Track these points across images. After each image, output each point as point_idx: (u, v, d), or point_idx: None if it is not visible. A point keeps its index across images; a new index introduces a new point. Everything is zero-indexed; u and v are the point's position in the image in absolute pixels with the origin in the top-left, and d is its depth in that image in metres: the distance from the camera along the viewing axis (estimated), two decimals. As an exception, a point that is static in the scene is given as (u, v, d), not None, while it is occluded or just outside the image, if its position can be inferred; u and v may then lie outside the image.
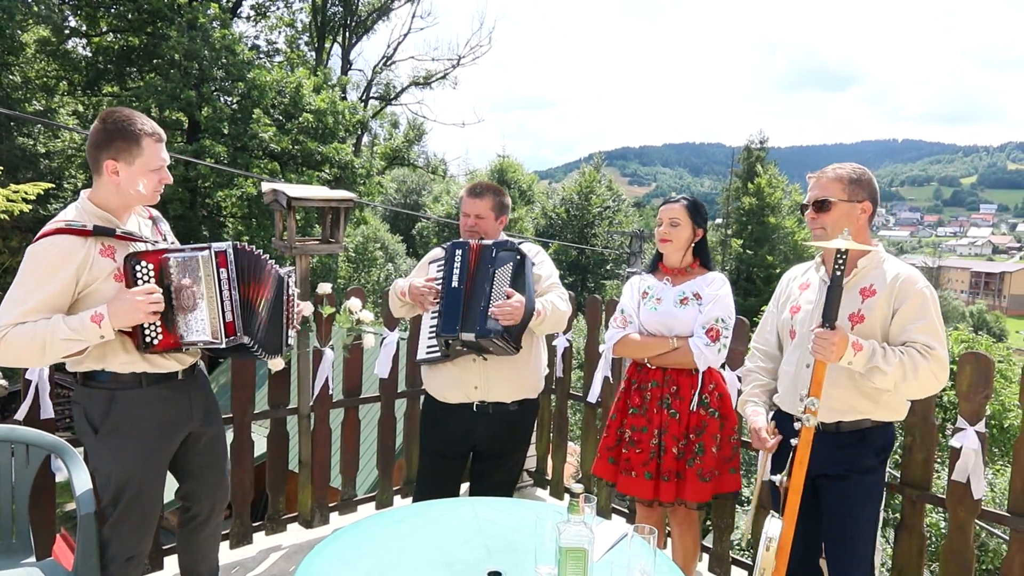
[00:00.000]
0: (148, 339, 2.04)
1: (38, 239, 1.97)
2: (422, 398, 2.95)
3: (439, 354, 2.61)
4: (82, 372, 2.10)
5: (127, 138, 2.02)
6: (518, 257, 2.56)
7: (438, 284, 2.62)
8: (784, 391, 2.32)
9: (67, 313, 1.98)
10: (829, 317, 2.00)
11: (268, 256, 2.28)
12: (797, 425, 2.06)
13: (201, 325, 2.06)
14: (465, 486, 3.07)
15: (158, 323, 2.03)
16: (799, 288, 2.36)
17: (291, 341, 2.43)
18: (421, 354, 2.69)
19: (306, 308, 2.74)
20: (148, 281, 2.00)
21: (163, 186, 2.15)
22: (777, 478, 2.16)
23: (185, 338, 2.06)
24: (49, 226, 1.99)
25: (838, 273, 1.98)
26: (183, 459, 2.34)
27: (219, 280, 2.05)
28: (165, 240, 2.26)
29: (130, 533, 2.17)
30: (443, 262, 2.65)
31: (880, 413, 2.18)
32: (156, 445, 2.18)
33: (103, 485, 2.16)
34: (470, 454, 2.82)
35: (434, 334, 2.60)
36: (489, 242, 2.61)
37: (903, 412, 2.24)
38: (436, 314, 2.59)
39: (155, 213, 2.30)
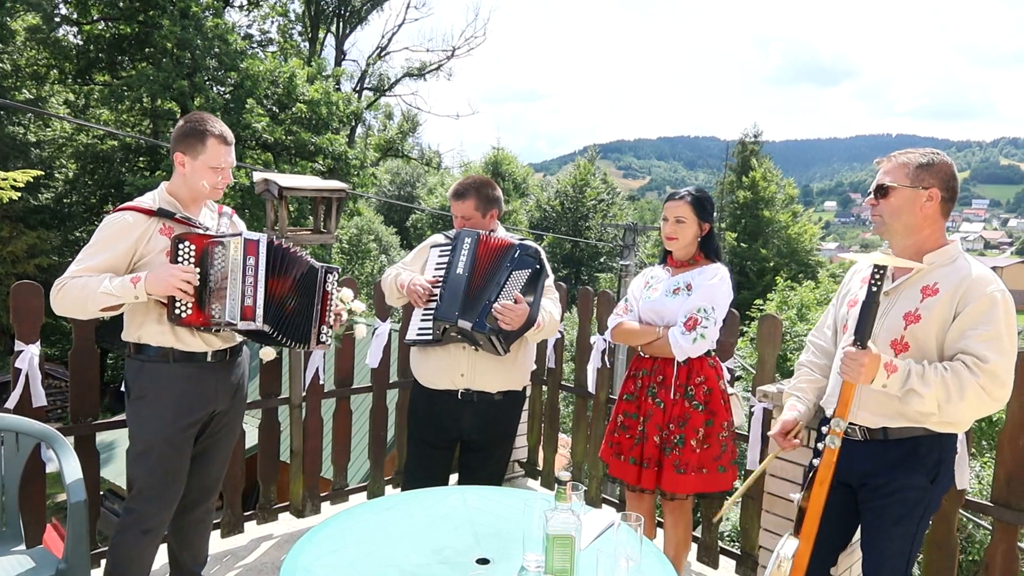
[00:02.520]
0: (178, 311, 2.21)
1: (114, 211, 2.26)
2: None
3: (430, 337, 2.61)
4: (131, 344, 2.32)
5: (195, 135, 2.28)
6: (537, 267, 2.59)
7: (440, 271, 2.64)
8: (831, 391, 2.14)
9: None
10: (861, 336, 1.84)
11: (306, 252, 2.45)
12: (819, 445, 1.93)
13: (224, 306, 2.21)
14: (454, 478, 3.09)
15: (190, 299, 2.20)
16: (861, 281, 2.13)
17: (325, 338, 2.48)
18: (412, 334, 2.69)
19: (356, 305, 2.81)
20: (188, 259, 2.21)
21: (225, 185, 2.37)
22: (796, 497, 2.03)
23: (213, 318, 2.22)
24: (126, 203, 2.29)
25: (874, 289, 1.83)
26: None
27: (244, 266, 2.22)
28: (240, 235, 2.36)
29: (147, 500, 2.31)
30: (448, 247, 2.67)
31: (936, 424, 1.94)
32: (175, 418, 2.30)
33: (133, 446, 2.34)
34: (458, 444, 2.84)
35: (429, 317, 2.61)
36: (516, 241, 2.61)
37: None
38: (434, 298, 2.60)
39: (228, 209, 2.54)
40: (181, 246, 2.20)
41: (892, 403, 1.94)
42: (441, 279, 2.62)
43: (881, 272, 1.83)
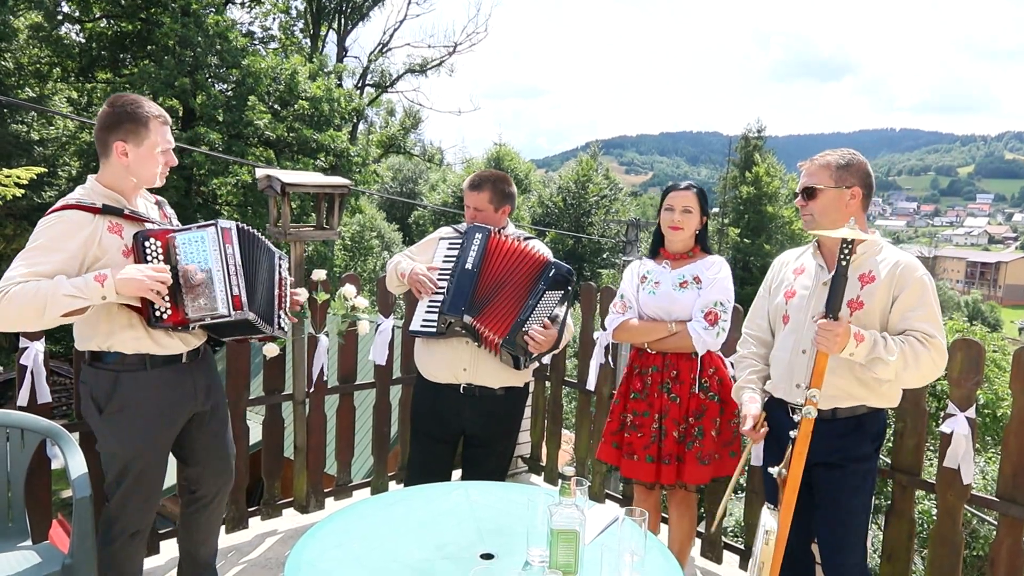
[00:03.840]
0: (158, 314, 2.10)
1: (48, 213, 2.04)
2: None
3: (434, 330, 2.60)
4: (90, 352, 2.17)
5: (135, 120, 2.10)
6: (568, 288, 2.60)
7: (449, 264, 2.63)
8: (778, 378, 2.30)
9: None
10: (833, 308, 1.98)
11: (263, 235, 2.37)
12: (797, 417, 2.03)
13: (209, 299, 2.12)
14: (457, 473, 3.09)
15: (167, 299, 2.09)
16: (793, 273, 2.33)
17: (284, 324, 2.44)
18: (415, 325, 2.66)
19: (302, 294, 2.75)
20: (157, 258, 2.08)
21: (168, 169, 2.23)
22: (775, 470, 2.13)
23: (191, 315, 2.12)
24: (59, 203, 2.07)
25: (843, 264, 1.94)
26: (188, 442, 2.39)
27: (225, 255, 2.13)
28: (170, 222, 2.30)
29: (134, 510, 2.25)
30: (458, 242, 2.66)
31: (875, 399, 2.17)
32: (160, 427, 2.23)
33: (108, 464, 2.24)
34: (460, 439, 2.83)
35: (434, 309, 2.59)
36: (552, 259, 2.62)
37: (897, 398, 2.23)
38: (441, 291, 2.59)
39: (160, 198, 2.37)
40: (148, 244, 2.07)
41: (840, 384, 2.13)
42: (448, 272, 2.61)
43: (849, 246, 1.94)
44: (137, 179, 2.16)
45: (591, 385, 3.60)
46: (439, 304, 2.59)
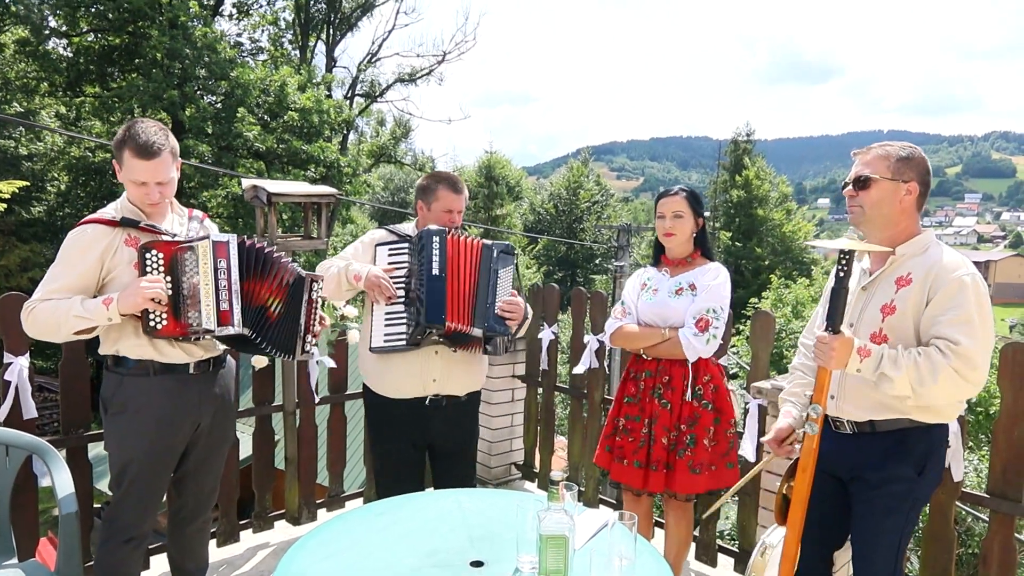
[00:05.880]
0: (152, 323, 2.14)
1: (74, 228, 2.18)
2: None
3: (405, 342, 2.50)
4: (109, 357, 2.24)
5: (118, 146, 2.17)
6: (516, 261, 2.61)
7: (402, 270, 2.55)
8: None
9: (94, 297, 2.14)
10: (832, 321, 1.87)
11: (284, 255, 2.31)
12: (799, 432, 1.95)
13: (199, 312, 2.13)
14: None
15: (164, 309, 2.13)
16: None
17: (311, 348, 2.35)
18: (377, 342, 2.52)
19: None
20: (157, 269, 2.13)
21: (159, 198, 2.19)
22: (785, 486, 2.06)
23: (191, 327, 2.14)
24: (86, 217, 2.20)
25: (841, 275, 1.85)
26: (184, 451, 2.37)
27: (216, 269, 2.13)
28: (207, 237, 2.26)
29: (129, 513, 2.26)
30: (406, 248, 2.56)
31: (919, 414, 1.93)
32: (156, 433, 2.23)
33: (111, 463, 2.28)
34: (426, 450, 2.76)
35: (399, 321, 2.51)
36: (488, 241, 2.59)
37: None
38: (406, 300, 2.51)
39: (197, 213, 2.43)
40: (148, 255, 2.13)
41: (875, 395, 1.94)
42: (401, 280, 2.52)
43: (847, 257, 1.85)
44: (136, 201, 2.22)
45: (583, 390, 3.60)
46: (401, 315, 2.50)
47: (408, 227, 2.72)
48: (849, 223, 2.08)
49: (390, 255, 2.58)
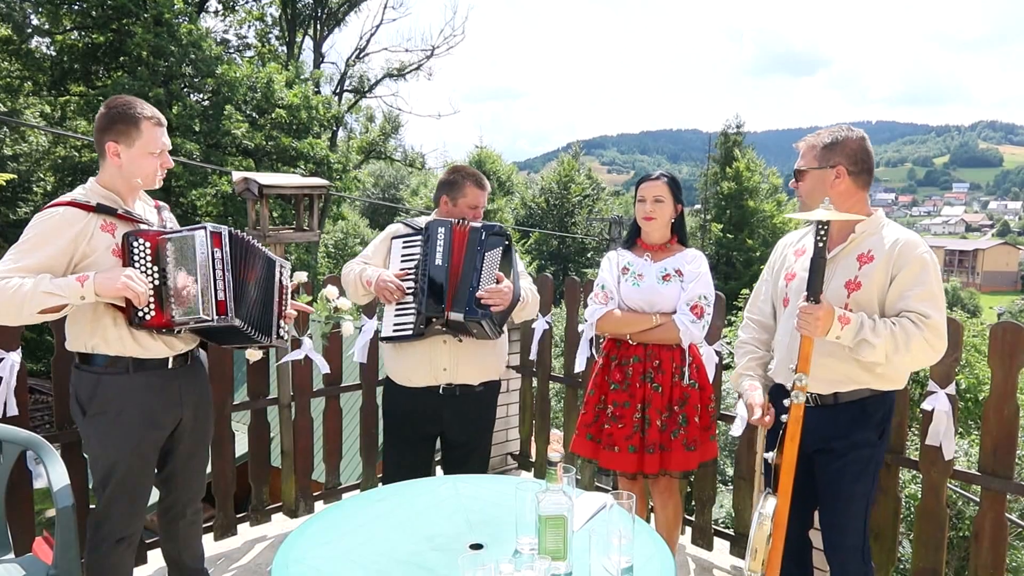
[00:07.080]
0: (141, 314, 2.07)
1: (43, 209, 2.06)
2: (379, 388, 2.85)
3: (411, 332, 2.55)
4: (77, 354, 2.17)
5: (127, 121, 2.10)
6: (506, 242, 2.58)
7: (409, 263, 2.60)
8: (779, 362, 2.24)
9: None
10: (814, 291, 1.94)
11: (260, 243, 2.34)
12: (787, 402, 1.99)
13: (193, 303, 2.09)
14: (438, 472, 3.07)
15: (151, 300, 2.07)
16: (795, 254, 2.26)
17: (284, 333, 2.40)
18: (387, 331, 2.60)
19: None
20: (144, 258, 2.07)
21: (164, 170, 2.22)
22: (770, 456, 2.10)
23: (176, 318, 2.10)
24: (56, 200, 2.09)
25: (820, 245, 1.91)
26: (168, 447, 2.35)
27: (212, 259, 2.10)
28: (164, 227, 2.27)
29: (119, 515, 2.22)
30: (420, 240, 2.63)
31: (878, 383, 2.08)
32: (141, 432, 2.19)
33: (93, 467, 2.22)
34: (437, 439, 2.79)
35: (408, 311, 2.56)
36: (478, 224, 2.59)
37: (902, 381, 2.15)
38: (414, 291, 2.56)
39: (161, 203, 2.37)
40: (135, 244, 2.07)
41: (840, 368, 2.06)
42: (412, 271, 2.58)
43: (825, 228, 1.91)
44: (131, 180, 2.15)
45: (579, 379, 3.61)
46: (410, 305, 2.55)
47: (425, 220, 2.74)
48: (800, 211, 2.16)
49: (404, 247, 2.67)
